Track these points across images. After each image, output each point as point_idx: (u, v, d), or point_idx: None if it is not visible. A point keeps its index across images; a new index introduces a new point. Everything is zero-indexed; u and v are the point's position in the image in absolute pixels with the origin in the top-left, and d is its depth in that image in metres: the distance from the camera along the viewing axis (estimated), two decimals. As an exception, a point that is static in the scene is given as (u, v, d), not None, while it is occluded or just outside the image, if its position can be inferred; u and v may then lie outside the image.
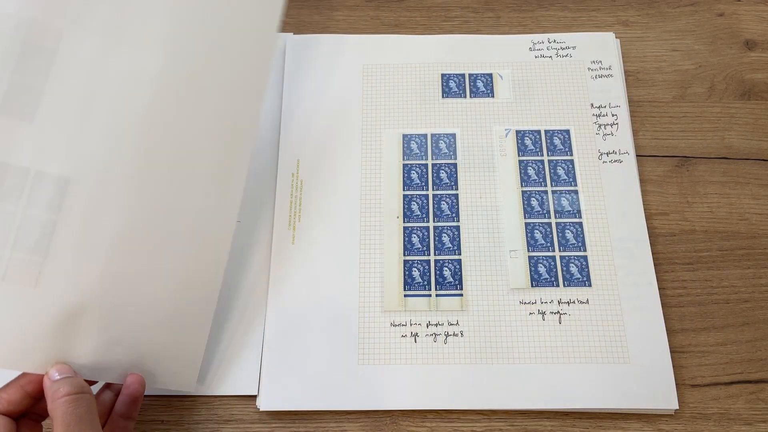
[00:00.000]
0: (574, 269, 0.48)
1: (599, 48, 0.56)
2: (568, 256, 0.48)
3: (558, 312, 0.46)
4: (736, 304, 0.48)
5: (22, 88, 0.39)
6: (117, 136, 0.40)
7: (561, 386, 0.44)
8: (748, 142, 0.53)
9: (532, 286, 0.47)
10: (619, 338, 0.45)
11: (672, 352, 0.45)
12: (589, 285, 0.47)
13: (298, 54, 0.57)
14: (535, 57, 0.56)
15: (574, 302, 0.47)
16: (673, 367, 0.45)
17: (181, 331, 0.43)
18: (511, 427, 0.44)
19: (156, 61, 0.41)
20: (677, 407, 0.43)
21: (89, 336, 0.40)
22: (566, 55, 0.56)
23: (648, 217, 0.50)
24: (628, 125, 0.53)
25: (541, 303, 0.47)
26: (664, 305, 0.47)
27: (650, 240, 0.49)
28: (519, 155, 0.52)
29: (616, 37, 0.57)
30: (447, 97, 0.55)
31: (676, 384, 0.44)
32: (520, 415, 0.44)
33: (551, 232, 0.49)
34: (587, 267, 0.48)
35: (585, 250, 0.48)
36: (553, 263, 0.48)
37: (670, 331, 0.46)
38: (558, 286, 0.47)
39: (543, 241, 0.49)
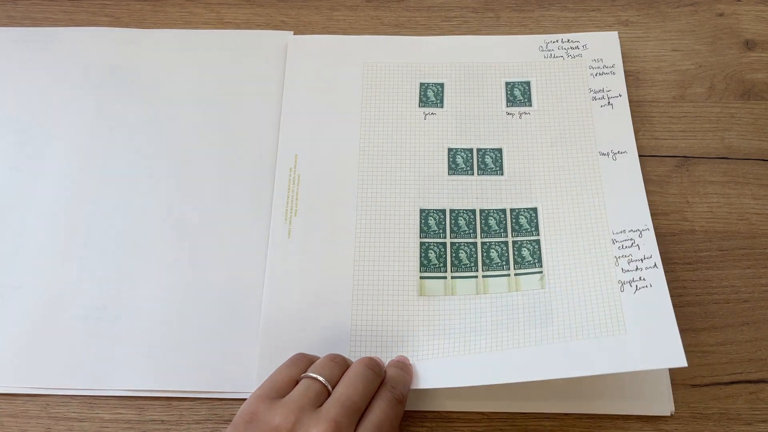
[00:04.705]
0: None
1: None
2: None
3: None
4: (736, 304, 0.48)
5: None
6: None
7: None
8: (748, 142, 0.53)
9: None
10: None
11: (671, 352, 0.45)
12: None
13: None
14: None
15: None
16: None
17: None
18: (511, 427, 0.44)
19: None
20: (673, 410, 0.43)
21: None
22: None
23: (648, 217, 0.50)
24: (629, 122, 0.53)
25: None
26: (663, 305, 0.47)
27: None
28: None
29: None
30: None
31: (677, 384, 0.44)
32: (520, 415, 0.44)
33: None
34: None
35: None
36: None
37: (670, 332, 0.46)
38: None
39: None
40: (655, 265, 0.46)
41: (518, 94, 0.55)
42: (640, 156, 0.52)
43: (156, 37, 0.58)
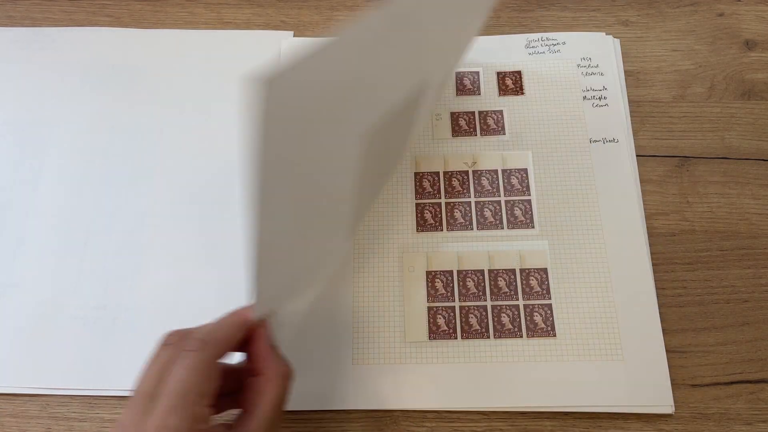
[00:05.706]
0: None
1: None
2: None
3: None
4: (736, 304, 0.48)
5: None
6: None
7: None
8: (748, 142, 0.53)
9: None
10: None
11: (672, 352, 0.45)
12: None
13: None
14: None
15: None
16: (673, 367, 0.45)
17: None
18: (511, 427, 0.44)
19: None
20: (673, 410, 0.43)
21: None
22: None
23: (648, 217, 0.50)
24: (626, 120, 0.53)
25: None
26: (663, 305, 0.47)
27: (650, 240, 0.49)
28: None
29: (615, 37, 0.57)
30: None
31: (677, 384, 0.44)
32: (520, 415, 0.44)
33: None
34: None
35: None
36: None
37: (670, 331, 0.46)
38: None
39: None
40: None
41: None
42: (640, 156, 0.53)
43: (156, 37, 0.58)
